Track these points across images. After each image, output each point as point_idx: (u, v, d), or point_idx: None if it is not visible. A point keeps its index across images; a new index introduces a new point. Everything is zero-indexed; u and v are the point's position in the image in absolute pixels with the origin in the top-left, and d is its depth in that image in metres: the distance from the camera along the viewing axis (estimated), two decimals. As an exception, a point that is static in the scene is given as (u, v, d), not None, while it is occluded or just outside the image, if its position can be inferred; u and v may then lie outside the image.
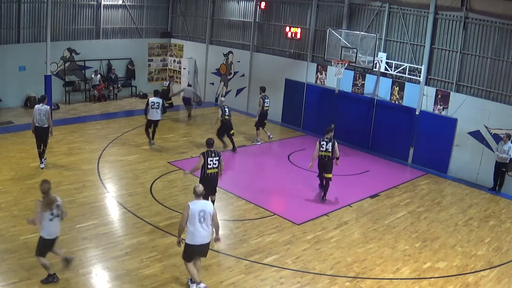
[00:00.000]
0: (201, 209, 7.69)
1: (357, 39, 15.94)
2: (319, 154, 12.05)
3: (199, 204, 7.74)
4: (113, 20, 22.14)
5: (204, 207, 7.74)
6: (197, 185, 7.96)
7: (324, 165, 12.11)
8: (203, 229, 7.69)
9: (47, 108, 12.64)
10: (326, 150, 11.94)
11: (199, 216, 7.65)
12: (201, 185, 8.01)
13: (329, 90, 18.13)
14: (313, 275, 8.82)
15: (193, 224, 7.64)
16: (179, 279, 8.29)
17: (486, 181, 14.25)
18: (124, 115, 19.56)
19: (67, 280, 7.95)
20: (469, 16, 14.43)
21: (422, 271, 9.21)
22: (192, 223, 7.64)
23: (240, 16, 21.31)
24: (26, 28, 19.25)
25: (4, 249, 8.73)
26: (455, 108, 14.88)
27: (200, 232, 7.68)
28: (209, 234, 7.80)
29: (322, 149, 11.96)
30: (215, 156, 10.02)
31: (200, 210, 7.68)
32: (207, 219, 7.71)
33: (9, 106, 18.92)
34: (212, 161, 9.99)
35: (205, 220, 7.69)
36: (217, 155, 10.07)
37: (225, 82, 22.28)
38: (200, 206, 7.71)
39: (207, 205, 7.88)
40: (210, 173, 10.04)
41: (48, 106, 12.77)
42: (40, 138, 12.76)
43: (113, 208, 11.05)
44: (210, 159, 9.96)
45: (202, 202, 7.82)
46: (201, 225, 7.67)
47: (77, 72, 21.15)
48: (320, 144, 11.98)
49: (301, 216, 11.26)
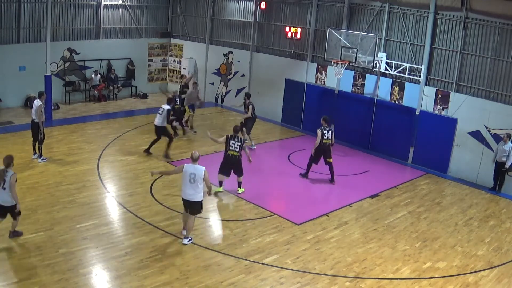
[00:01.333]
0: (192, 171, 9.11)
1: (357, 39, 15.94)
2: (321, 142, 13.01)
3: (192, 168, 9.15)
4: (113, 20, 22.14)
5: (195, 171, 9.10)
6: (194, 151, 9.38)
7: (325, 151, 13.22)
8: (191, 188, 9.16)
9: (38, 103, 13.11)
10: (328, 138, 13.09)
11: (190, 177, 9.11)
12: (197, 152, 9.39)
13: (329, 90, 18.14)
14: (313, 275, 8.82)
15: (184, 182, 9.21)
16: (179, 279, 8.29)
17: (486, 181, 14.25)
18: (124, 115, 19.55)
19: (67, 280, 7.95)
20: (469, 16, 14.43)
21: (422, 271, 9.21)
22: (184, 181, 9.20)
23: (240, 16, 21.31)
24: (26, 28, 19.25)
25: (4, 249, 8.73)
26: (455, 108, 14.88)
27: (187, 190, 9.22)
28: (195, 194, 9.19)
29: (325, 137, 13.04)
30: (237, 141, 11.69)
31: (191, 172, 9.11)
32: (197, 181, 9.11)
33: (9, 106, 18.91)
34: (234, 144, 11.65)
35: (194, 182, 9.11)
36: (240, 141, 11.72)
37: (225, 82, 22.28)
38: (192, 169, 9.13)
39: (199, 170, 9.12)
40: (230, 154, 11.73)
41: (40, 102, 13.14)
42: (32, 131, 13.39)
43: (113, 208, 11.05)
44: (232, 142, 11.65)
45: (196, 167, 9.17)
46: (190, 185, 9.14)
47: (77, 72, 21.14)
48: (323, 133, 12.99)
49: (301, 216, 11.26)
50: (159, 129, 14.39)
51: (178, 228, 10.12)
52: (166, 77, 24.80)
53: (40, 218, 10.03)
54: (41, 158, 13.38)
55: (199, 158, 9.30)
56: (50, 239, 9.21)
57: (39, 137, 13.27)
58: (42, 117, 13.18)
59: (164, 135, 14.47)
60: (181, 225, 9.93)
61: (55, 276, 8.01)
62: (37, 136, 13.30)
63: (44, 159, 13.37)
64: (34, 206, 10.59)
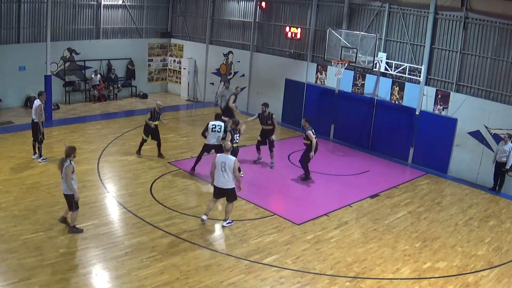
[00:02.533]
0: (223, 160, 9.89)
1: (357, 39, 15.94)
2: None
3: (224, 157, 9.93)
4: (113, 20, 22.14)
5: (225, 160, 9.89)
6: (227, 142, 10.30)
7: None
8: (222, 176, 9.93)
9: (37, 103, 13.13)
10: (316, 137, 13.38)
11: (221, 165, 9.88)
12: (229, 143, 10.29)
13: (329, 90, 18.14)
14: (313, 275, 8.82)
15: (216, 171, 9.98)
16: (179, 279, 8.29)
17: (486, 181, 14.25)
18: (124, 115, 19.55)
19: (67, 280, 7.95)
20: (469, 16, 14.43)
21: (422, 271, 9.21)
22: (216, 170, 9.98)
23: (240, 16, 21.31)
24: (26, 28, 19.25)
25: (4, 249, 8.73)
26: (455, 108, 14.88)
27: (219, 178, 9.99)
28: (227, 182, 9.97)
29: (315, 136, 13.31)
30: (238, 134, 12.72)
31: (222, 161, 9.89)
32: (227, 170, 9.85)
33: (9, 106, 18.91)
34: (236, 137, 12.56)
35: (225, 170, 9.86)
36: (239, 133, 12.79)
37: (225, 82, 22.23)
38: (224, 158, 9.92)
39: (229, 159, 9.90)
40: (235, 147, 12.42)
41: (39, 102, 13.14)
42: (32, 131, 13.40)
43: (113, 208, 11.05)
44: (236, 136, 12.54)
45: (227, 156, 9.95)
46: (222, 173, 9.91)
47: (77, 72, 21.14)
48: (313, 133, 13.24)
49: (301, 216, 11.26)
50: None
51: (178, 228, 10.13)
52: (166, 77, 24.79)
53: (40, 218, 10.03)
54: (41, 158, 13.38)
55: (231, 148, 10.19)
56: (50, 239, 9.21)
57: (39, 137, 13.27)
58: (41, 117, 13.19)
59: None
60: (182, 225, 9.90)
61: (55, 276, 8.01)
62: (37, 136, 13.30)
63: (44, 159, 13.37)
64: (34, 206, 10.60)
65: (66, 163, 9.17)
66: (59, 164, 9.29)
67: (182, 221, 10.53)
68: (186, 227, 10.22)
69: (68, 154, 9.21)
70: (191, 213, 10.93)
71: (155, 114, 14.24)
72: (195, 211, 11.05)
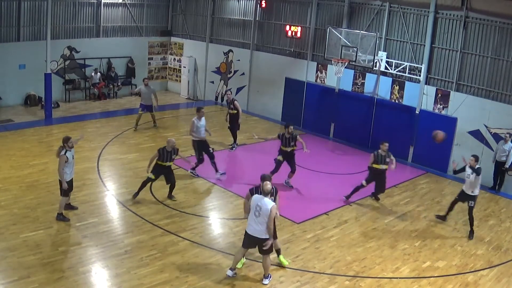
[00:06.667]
0: (258, 203, 7.98)
1: (357, 38, 15.94)
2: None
3: (259, 199, 8.02)
4: (113, 18, 22.12)
5: (261, 204, 7.94)
6: (267, 183, 8.08)
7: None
8: (256, 222, 7.99)
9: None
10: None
11: (255, 209, 7.97)
12: (270, 185, 8.13)
13: (329, 89, 18.13)
14: (313, 274, 8.82)
15: (250, 213, 8.11)
16: (178, 278, 8.29)
17: (486, 180, 14.20)
18: (124, 114, 19.53)
19: (67, 278, 7.95)
20: (469, 15, 14.42)
21: (421, 270, 9.22)
22: (250, 213, 8.11)
23: (240, 14, 21.29)
24: (26, 26, 19.22)
25: (4, 247, 8.73)
26: (455, 107, 14.87)
27: (252, 223, 8.06)
28: (260, 230, 7.99)
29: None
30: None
31: (257, 204, 7.99)
32: (262, 216, 7.91)
33: (9, 104, 18.91)
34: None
35: (259, 216, 7.93)
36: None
37: (225, 80, 22.27)
38: (259, 201, 8.00)
39: (265, 204, 7.93)
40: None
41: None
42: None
43: (113, 207, 11.05)
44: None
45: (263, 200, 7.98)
46: (255, 219, 7.98)
47: (77, 70, 21.13)
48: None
49: (300, 215, 11.26)
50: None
51: (178, 227, 10.13)
52: (166, 75, 24.79)
53: (40, 216, 10.04)
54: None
55: (271, 192, 8.12)
56: (50, 237, 9.23)
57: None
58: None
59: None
60: (179, 226, 9.89)
61: (54, 274, 8.02)
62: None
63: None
64: (34, 204, 10.60)
65: (62, 152, 9.71)
66: (57, 151, 10.00)
67: (182, 219, 10.54)
68: (186, 226, 10.23)
69: (62, 142, 9.81)
70: (191, 212, 10.93)
71: (165, 154, 11.27)
72: (194, 210, 11.06)
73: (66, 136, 9.92)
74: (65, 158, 9.64)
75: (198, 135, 12.97)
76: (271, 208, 7.85)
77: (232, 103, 15.53)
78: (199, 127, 12.95)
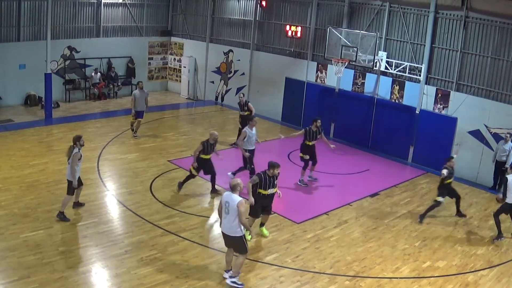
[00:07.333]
0: (226, 200, 7.90)
1: (358, 38, 15.93)
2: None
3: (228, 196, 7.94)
4: (113, 18, 22.12)
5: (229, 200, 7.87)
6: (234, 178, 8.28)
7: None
8: (225, 220, 7.94)
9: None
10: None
11: (225, 206, 7.91)
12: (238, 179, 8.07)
13: (329, 89, 18.13)
14: (313, 274, 8.82)
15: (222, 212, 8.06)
16: (178, 278, 8.29)
17: (486, 180, 14.25)
18: (124, 113, 19.47)
19: (67, 278, 7.95)
20: (469, 15, 14.42)
21: (421, 270, 9.21)
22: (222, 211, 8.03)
23: (241, 14, 21.29)
24: (26, 26, 19.23)
25: (4, 247, 8.73)
26: (455, 107, 14.87)
27: (223, 221, 8.02)
28: (231, 228, 7.89)
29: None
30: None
31: (226, 201, 7.90)
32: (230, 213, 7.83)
33: (9, 104, 18.91)
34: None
35: (228, 213, 7.87)
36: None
37: (225, 80, 22.27)
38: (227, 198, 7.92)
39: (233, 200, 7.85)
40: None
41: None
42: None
43: (113, 207, 11.05)
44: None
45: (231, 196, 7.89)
46: (225, 215, 7.92)
47: (77, 70, 21.13)
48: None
49: (301, 215, 11.26)
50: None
51: (178, 227, 10.13)
52: (166, 75, 24.79)
53: (40, 216, 10.03)
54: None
55: (236, 187, 7.89)
56: (50, 237, 9.22)
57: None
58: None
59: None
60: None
61: (54, 274, 8.02)
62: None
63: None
64: (34, 204, 10.61)
65: (75, 150, 9.83)
66: (68, 151, 9.99)
67: (182, 219, 10.54)
68: (186, 226, 10.23)
69: (74, 142, 9.92)
70: (191, 212, 10.93)
71: (209, 147, 11.63)
72: (194, 210, 11.06)
73: (77, 135, 10.07)
74: (79, 155, 9.85)
75: (250, 145, 12.84)
76: (237, 204, 7.72)
77: (246, 105, 15.62)
78: (251, 136, 12.75)
